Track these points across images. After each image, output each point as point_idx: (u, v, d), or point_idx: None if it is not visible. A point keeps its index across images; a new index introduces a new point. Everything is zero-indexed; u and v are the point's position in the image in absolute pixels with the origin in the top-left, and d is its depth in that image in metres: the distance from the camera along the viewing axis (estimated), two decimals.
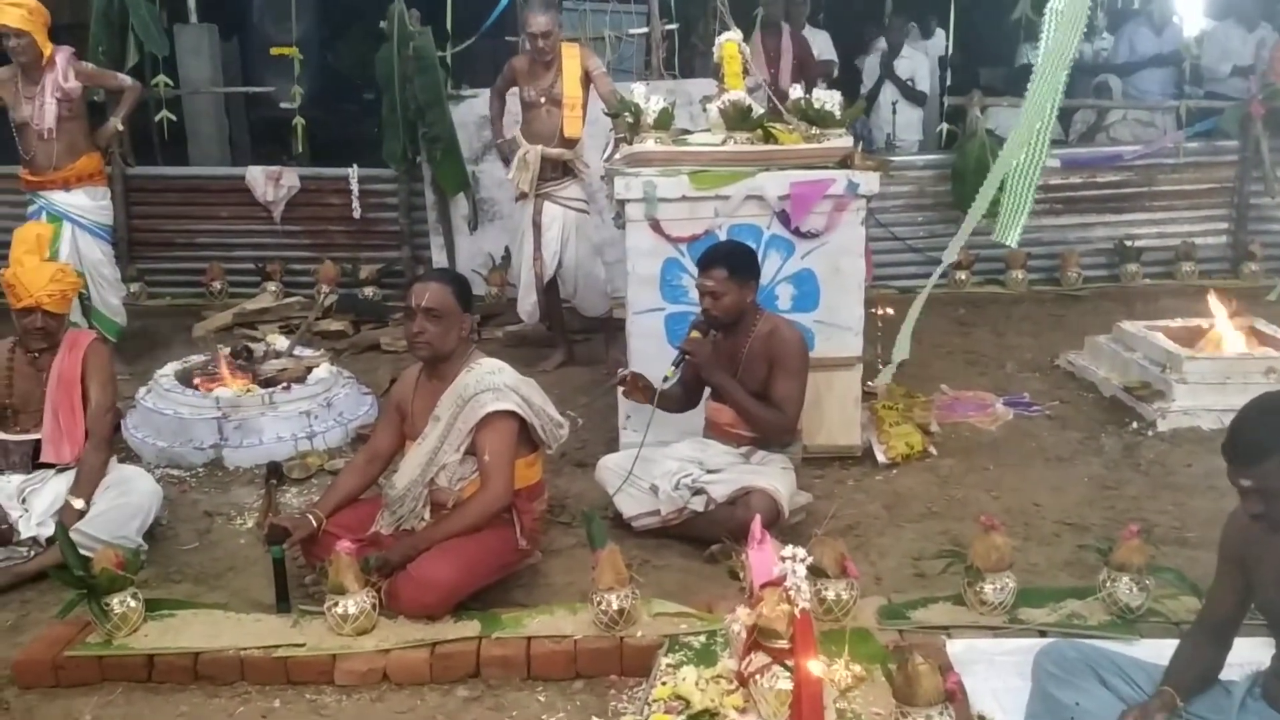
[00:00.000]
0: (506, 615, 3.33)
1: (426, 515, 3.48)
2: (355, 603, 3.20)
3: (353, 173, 7.42)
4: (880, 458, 4.62)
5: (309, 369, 5.30)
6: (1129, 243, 7.41)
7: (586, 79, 5.63)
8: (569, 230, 5.80)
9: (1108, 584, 3.22)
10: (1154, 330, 5.42)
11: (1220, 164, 7.55)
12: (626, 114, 4.59)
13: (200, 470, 4.76)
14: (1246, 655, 2.66)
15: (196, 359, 5.47)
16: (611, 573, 3.18)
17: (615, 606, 3.16)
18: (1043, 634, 3.13)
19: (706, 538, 3.82)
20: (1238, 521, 2.49)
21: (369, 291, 7.28)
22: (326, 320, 6.75)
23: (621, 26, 7.59)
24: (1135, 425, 4.96)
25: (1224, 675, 2.61)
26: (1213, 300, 5.49)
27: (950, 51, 8.55)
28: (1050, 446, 4.82)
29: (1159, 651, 2.73)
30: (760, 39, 7.24)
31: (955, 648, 3.09)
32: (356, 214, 7.47)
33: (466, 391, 3.42)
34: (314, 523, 3.48)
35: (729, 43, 4.65)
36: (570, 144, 5.69)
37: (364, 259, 7.45)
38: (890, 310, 5.30)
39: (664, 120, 4.50)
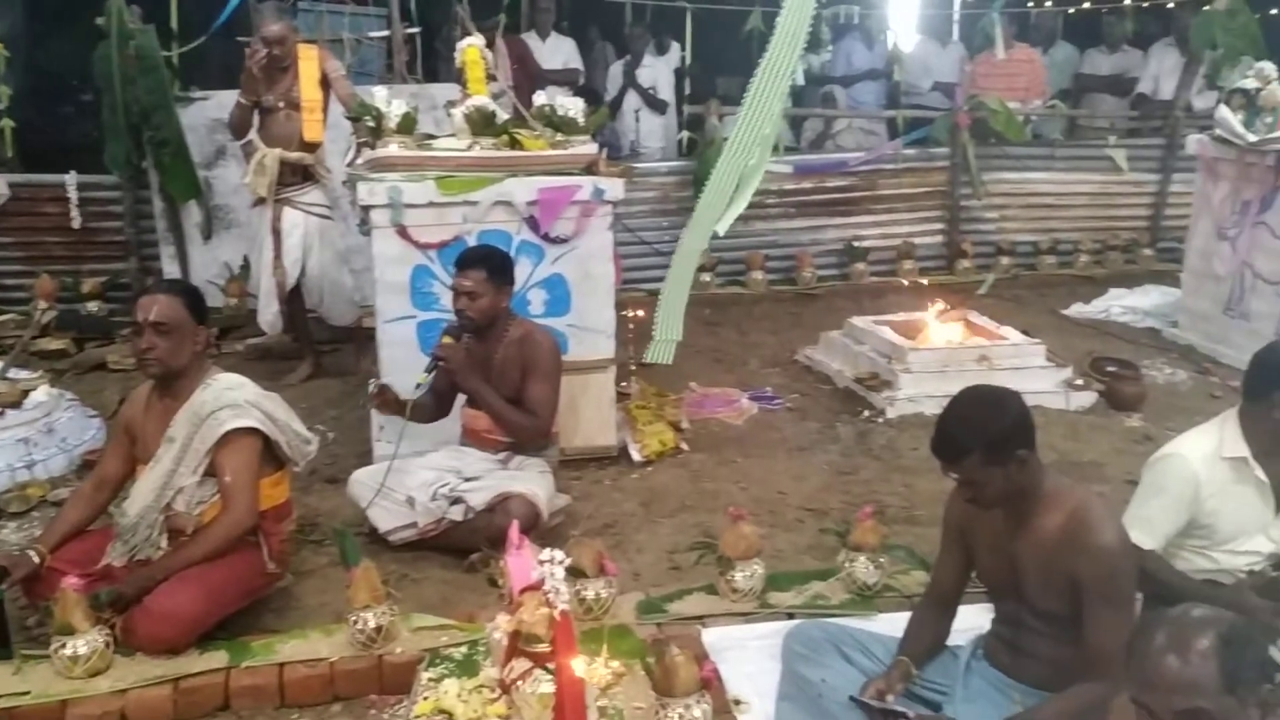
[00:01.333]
0: (256, 643, 3.18)
1: (163, 543, 3.27)
2: (86, 642, 2.97)
3: (70, 179, 6.89)
4: (635, 456, 4.72)
5: (25, 392, 4.89)
6: (856, 243, 7.88)
7: (325, 82, 5.48)
8: (312, 237, 5.62)
9: (847, 564, 3.43)
10: (880, 324, 5.80)
11: (934, 169, 8.14)
12: (367, 118, 4.49)
13: None
14: (970, 621, 2.89)
15: None
16: (366, 590, 3.10)
17: (372, 624, 3.08)
18: (790, 616, 3.29)
19: (467, 547, 3.79)
20: (956, 500, 2.71)
21: (93, 306, 6.77)
22: (45, 339, 6.24)
23: (361, 29, 7.42)
24: (867, 413, 5.28)
25: (951, 641, 2.83)
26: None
27: (688, 62, 8.85)
28: (792, 437, 5.07)
29: (895, 625, 2.93)
30: None
31: (710, 636, 3.20)
32: (76, 224, 6.94)
33: (203, 409, 3.24)
34: (36, 559, 3.21)
35: (471, 48, 4.63)
36: (311, 148, 5.52)
37: (86, 272, 6.92)
38: (641, 313, 5.44)
39: (407, 124, 4.43)
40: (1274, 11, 10.58)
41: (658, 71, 8.68)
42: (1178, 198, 7.96)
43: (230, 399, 3.26)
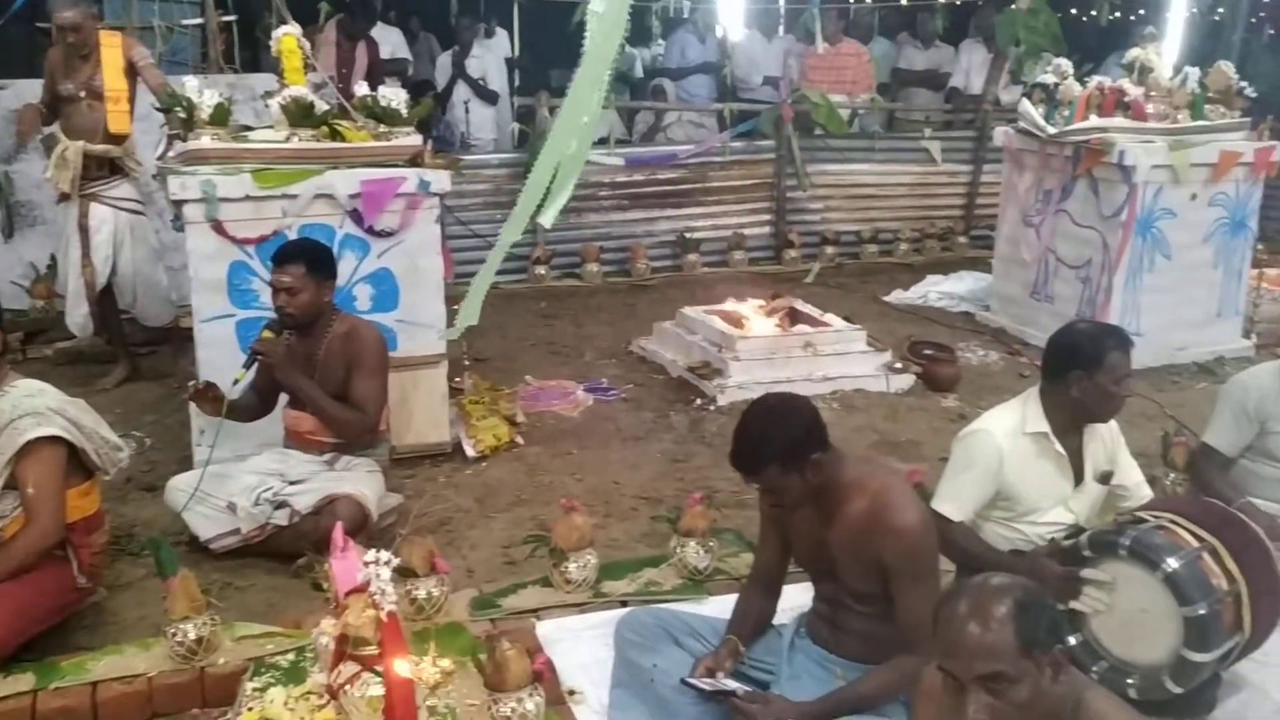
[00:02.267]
0: (67, 662, 3.02)
1: None
2: None
3: None
4: (470, 452, 4.68)
5: None
6: (688, 235, 8.00)
7: (131, 70, 5.23)
8: (122, 234, 5.35)
9: (678, 550, 3.49)
10: (711, 314, 5.91)
11: (761, 161, 8.31)
12: (178, 109, 4.30)
13: None
14: (794, 600, 2.99)
15: None
16: (185, 600, 2.98)
17: (192, 635, 2.97)
18: (624, 604, 3.33)
19: (293, 552, 3.68)
20: None
21: None
22: None
23: (173, 16, 7.10)
24: (699, 402, 5.38)
25: (776, 620, 2.92)
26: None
27: (518, 53, 8.79)
28: (627, 427, 5.12)
29: (725, 607, 3.00)
30: (337, 41, 7.13)
31: (544, 628, 3.21)
32: None
33: (1, 419, 3.05)
34: None
35: (287, 37, 4.49)
36: (117, 140, 5.26)
37: None
38: None
39: (220, 115, 4.27)
40: (1074, 11, 11.26)
41: (487, 62, 8.61)
42: (988, 188, 8.38)
43: (30, 406, 3.08)
